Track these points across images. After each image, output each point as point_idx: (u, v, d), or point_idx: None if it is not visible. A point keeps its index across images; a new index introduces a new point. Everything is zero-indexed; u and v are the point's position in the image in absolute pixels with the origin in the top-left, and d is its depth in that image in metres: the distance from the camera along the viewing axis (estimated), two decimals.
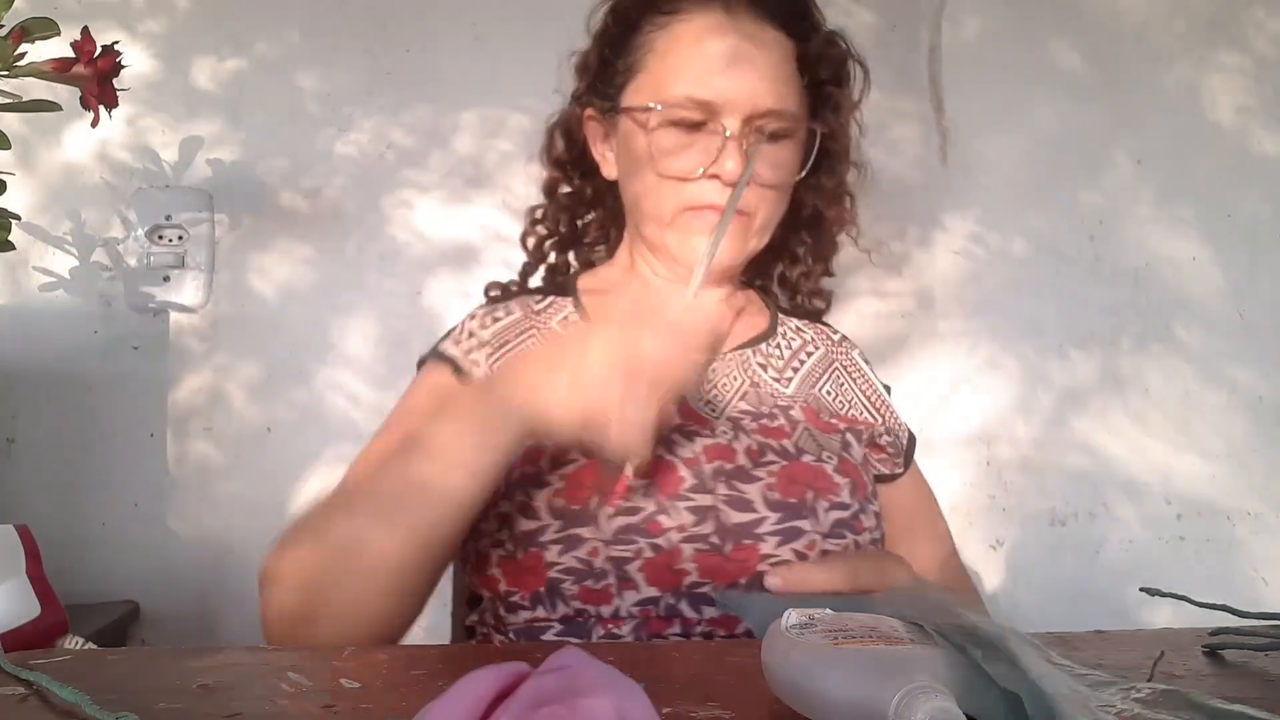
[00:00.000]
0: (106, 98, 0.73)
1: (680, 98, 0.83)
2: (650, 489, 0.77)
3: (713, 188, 0.84)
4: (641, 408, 0.64)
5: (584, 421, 0.64)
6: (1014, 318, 1.35)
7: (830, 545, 0.77)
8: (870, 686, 0.40)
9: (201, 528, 1.23)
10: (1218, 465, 1.35)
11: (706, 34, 0.84)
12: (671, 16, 0.86)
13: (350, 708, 0.46)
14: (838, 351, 0.96)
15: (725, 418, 0.84)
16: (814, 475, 0.80)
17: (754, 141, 0.84)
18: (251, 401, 1.25)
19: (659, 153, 0.84)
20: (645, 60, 0.87)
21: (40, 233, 1.23)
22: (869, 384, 0.95)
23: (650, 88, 0.86)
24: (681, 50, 0.85)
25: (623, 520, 0.77)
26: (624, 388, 0.63)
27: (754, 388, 0.88)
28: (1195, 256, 1.38)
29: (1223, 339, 1.37)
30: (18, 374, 1.21)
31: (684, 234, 0.86)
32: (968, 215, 1.36)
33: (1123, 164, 1.39)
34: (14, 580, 0.68)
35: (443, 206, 1.28)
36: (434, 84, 1.29)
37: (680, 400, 0.81)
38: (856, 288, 1.34)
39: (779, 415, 0.85)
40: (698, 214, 0.84)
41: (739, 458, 0.80)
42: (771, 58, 0.85)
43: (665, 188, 0.85)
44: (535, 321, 0.91)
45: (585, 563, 0.76)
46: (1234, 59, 1.41)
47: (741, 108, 0.83)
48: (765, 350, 0.92)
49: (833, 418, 0.88)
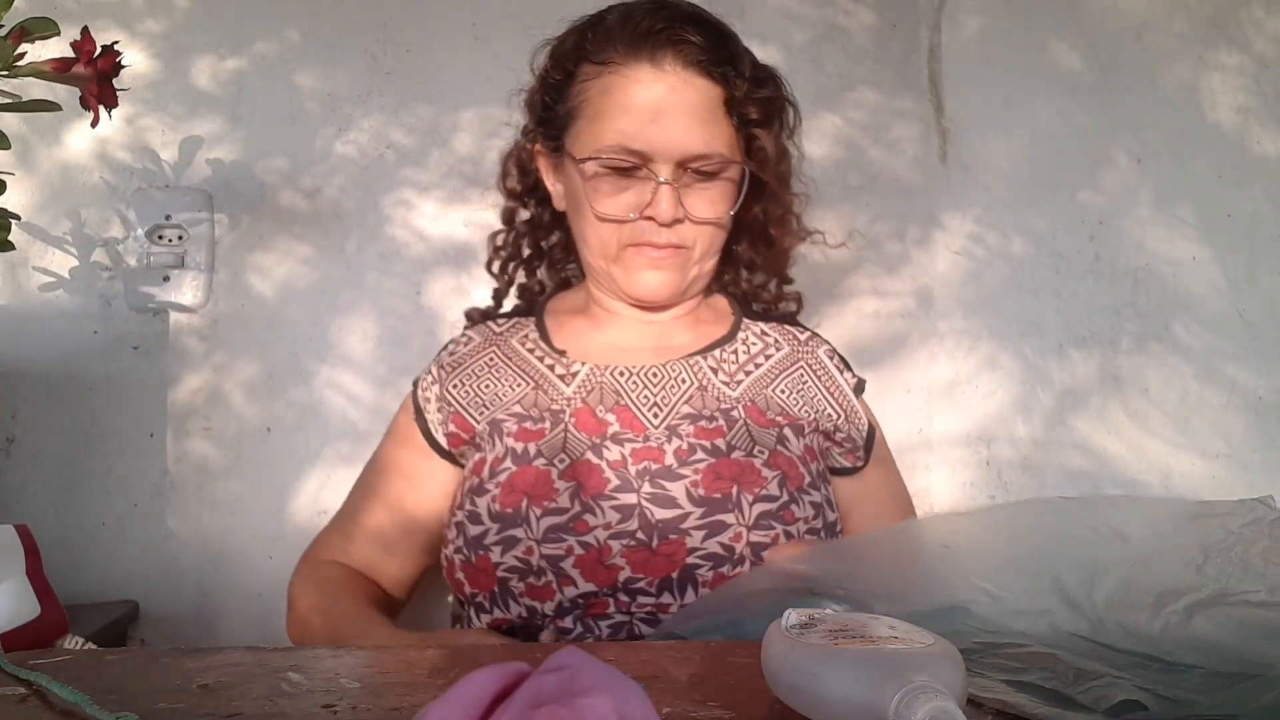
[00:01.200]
0: (106, 98, 0.73)
1: (614, 147, 0.89)
2: (576, 491, 0.81)
3: (649, 227, 0.91)
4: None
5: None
6: (1013, 317, 1.35)
7: (756, 537, 0.82)
8: (870, 686, 0.40)
9: (201, 528, 1.23)
10: (1217, 465, 1.35)
11: (635, 86, 0.89)
12: (603, 68, 0.91)
13: (350, 708, 0.46)
14: (803, 350, 1.01)
15: (665, 425, 0.89)
16: (740, 470, 0.85)
17: (687, 182, 0.90)
18: (251, 401, 1.25)
19: (596, 196, 0.91)
20: (581, 108, 0.93)
21: (40, 233, 1.23)
22: (832, 380, 0.99)
23: (588, 136, 0.92)
24: (612, 102, 0.90)
25: (551, 520, 0.82)
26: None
27: (701, 391, 0.93)
28: (1195, 256, 1.38)
29: (1222, 338, 1.37)
30: (17, 374, 1.21)
31: (627, 269, 0.94)
32: (967, 215, 1.36)
33: (1122, 164, 1.39)
34: (14, 580, 0.67)
35: (442, 206, 1.29)
36: (434, 84, 1.29)
37: (623, 408, 0.91)
38: (856, 287, 1.34)
39: (719, 417, 0.90)
40: (638, 250, 0.92)
41: (667, 458, 0.86)
42: (698, 105, 0.90)
43: (605, 227, 0.92)
44: (496, 341, 1.00)
45: (524, 561, 0.82)
46: (1234, 59, 1.41)
47: (672, 154, 0.89)
48: (719, 355, 0.97)
49: (778, 415, 0.92)
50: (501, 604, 0.85)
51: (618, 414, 0.90)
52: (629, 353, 0.97)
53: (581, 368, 0.95)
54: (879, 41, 1.36)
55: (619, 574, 0.81)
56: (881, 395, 1.30)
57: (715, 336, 1.00)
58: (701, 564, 0.81)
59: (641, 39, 0.89)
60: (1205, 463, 1.35)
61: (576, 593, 0.81)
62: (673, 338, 0.99)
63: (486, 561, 0.83)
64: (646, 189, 0.90)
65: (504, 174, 1.08)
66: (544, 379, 0.94)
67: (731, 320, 1.02)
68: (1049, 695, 0.45)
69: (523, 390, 0.94)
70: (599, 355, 0.96)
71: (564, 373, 0.95)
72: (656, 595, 0.81)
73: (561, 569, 0.81)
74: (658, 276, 0.93)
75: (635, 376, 0.93)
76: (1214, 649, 0.44)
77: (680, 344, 0.98)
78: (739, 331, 1.01)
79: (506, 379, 0.96)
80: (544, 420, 0.90)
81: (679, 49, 0.89)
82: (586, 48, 0.93)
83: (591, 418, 0.89)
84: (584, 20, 0.96)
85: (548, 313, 1.04)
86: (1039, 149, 1.37)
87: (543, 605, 0.82)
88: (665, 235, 0.91)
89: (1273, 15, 1.42)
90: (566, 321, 1.02)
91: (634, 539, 0.81)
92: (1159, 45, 1.40)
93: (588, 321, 1.02)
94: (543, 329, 1.01)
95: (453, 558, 0.88)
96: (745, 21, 1.33)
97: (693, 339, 0.99)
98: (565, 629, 0.82)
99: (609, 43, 0.91)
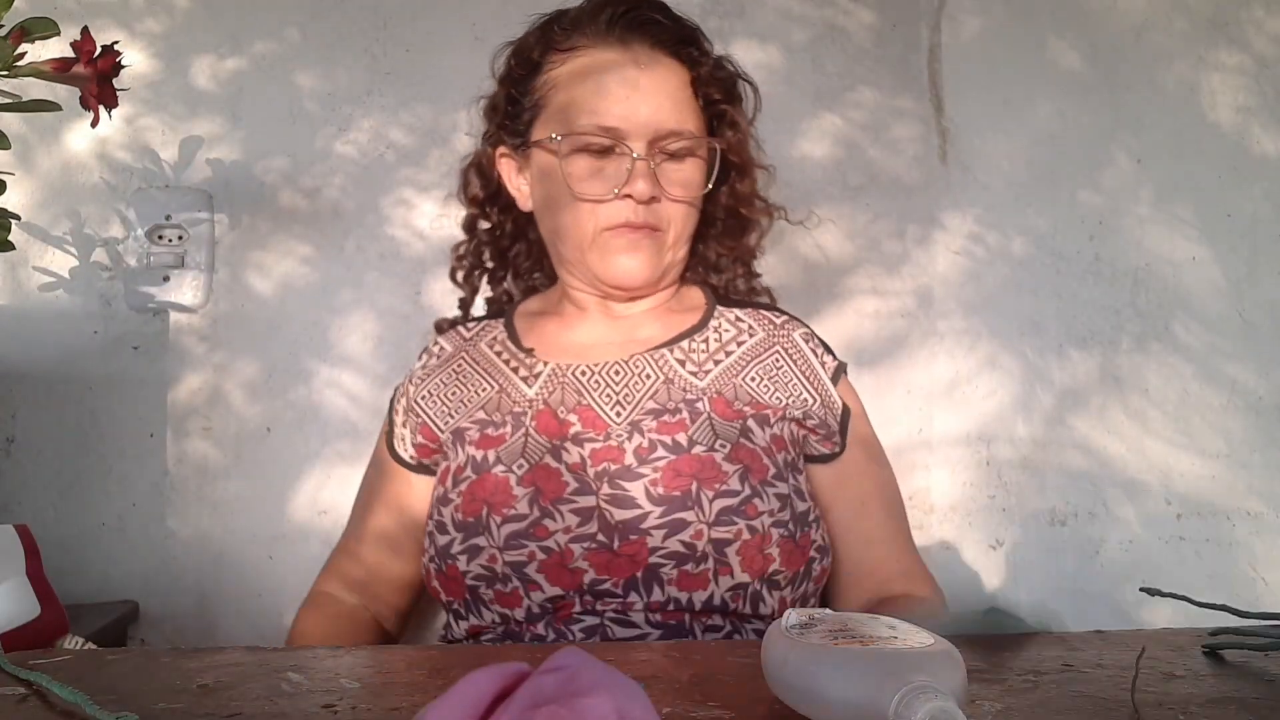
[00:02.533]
0: (106, 98, 0.73)
1: (589, 126, 0.91)
2: (535, 496, 0.81)
3: (625, 207, 0.91)
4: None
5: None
6: (1013, 317, 1.35)
7: (718, 533, 0.81)
8: (870, 686, 0.40)
9: (201, 528, 1.23)
10: (1217, 465, 1.35)
11: (605, 66, 0.92)
12: (570, 53, 0.94)
13: (350, 708, 0.46)
14: (779, 335, 1.00)
15: (627, 422, 0.89)
16: (700, 466, 0.84)
17: (659, 161, 0.92)
18: (251, 401, 1.25)
19: (572, 178, 0.91)
20: (550, 96, 0.95)
21: (40, 232, 1.23)
22: (807, 364, 0.98)
23: (559, 120, 0.93)
24: (585, 83, 0.92)
25: (511, 527, 0.82)
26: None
27: (666, 384, 0.93)
28: (1195, 256, 1.38)
29: (1222, 338, 1.37)
30: (17, 374, 1.21)
31: (603, 252, 0.94)
32: (967, 214, 1.36)
33: (1122, 163, 1.39)
34: (14, 580, 0.68)
35: (442, 206, 1.28)
36: (434, 84, 1.29)
37: (585, 407, 0.90)
38: (855, 286, 1.34)
39: (683, 409, 0.90)
40: (615, 233, 0.93)
41: (626, 458, 0.85)
42: (668, 83, 0.93)
43: (582, 211, 0.93)
44: (464, 348, 1.00)
45: (489, 569, 0.83)
46: (1234, 59, 1.41)
47: (645, 131, 0.91)
48: (687, 346, 0.96)
49: (747, 405, 0.92)
50: (475, 611, 0.85)
51: (579, 414, 0.90)
52: (593, 349, 0.97)
53: (544, 367, 0.95)
54: (879, 41, 1.36)
55: (583, 576, 0.81)
56: (881, 395, 1.30)
57: (685, 326, 0.99)
58: (664, 563, 0.81)
59: (609, 23, 0.92)
60: (1205, 463, 1.35)
61: (544, 597, 0.81)
62: (640, 331, 0.99)
63: (455, 570, 0.84)
64: (622, 168, 0.91)
65: (464, 184, 1.10)
66: (508, 381, 0.95)
67: (704, 309, 1.02)
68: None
69: (487, 394, 0.94)
70: (563, 353, 0.97)
71: (527, 374, 0.95)
72: (623, 595, 0.81)
73: (526, 574, 0.81)
74: (634, 260, 0.93)
75: (598, 374, 0.93)
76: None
77: (647, 337, 0.98)
78: (711, 320, 1.00)
79: (472, 384, 0.96)
80: (505, 425, 0.90)
81: (645, 29, 0.93)
82: (553, 38, 0.95)
83: (553, 419, 0.89)
84: (544, 17, 0.98)
85: (518, 314, 1.04)
86: (1039, 149, 1.37)
87: (513, 611, 0.83)
88: (642, 214, 0.92)
89: (1273, 15, 1.42)
90: (536, 322, 1.03)
91: (595, 541, 0.81)
92: (1159, 45, 1.40)
93: (558, 321, 1.02)
94: (511, 330, 1.02)
95: (428, 566, 0.89)
96: (745, 21, 1.33)
97: (660, 330, 0.98)
98: (540, 636, 0.82)
99: (575, 30, 0.94)
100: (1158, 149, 1.39)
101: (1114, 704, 0.47)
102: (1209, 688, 0.50)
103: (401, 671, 0.54)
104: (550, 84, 0.95)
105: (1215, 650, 0.57)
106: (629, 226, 0.92)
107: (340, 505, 1.23)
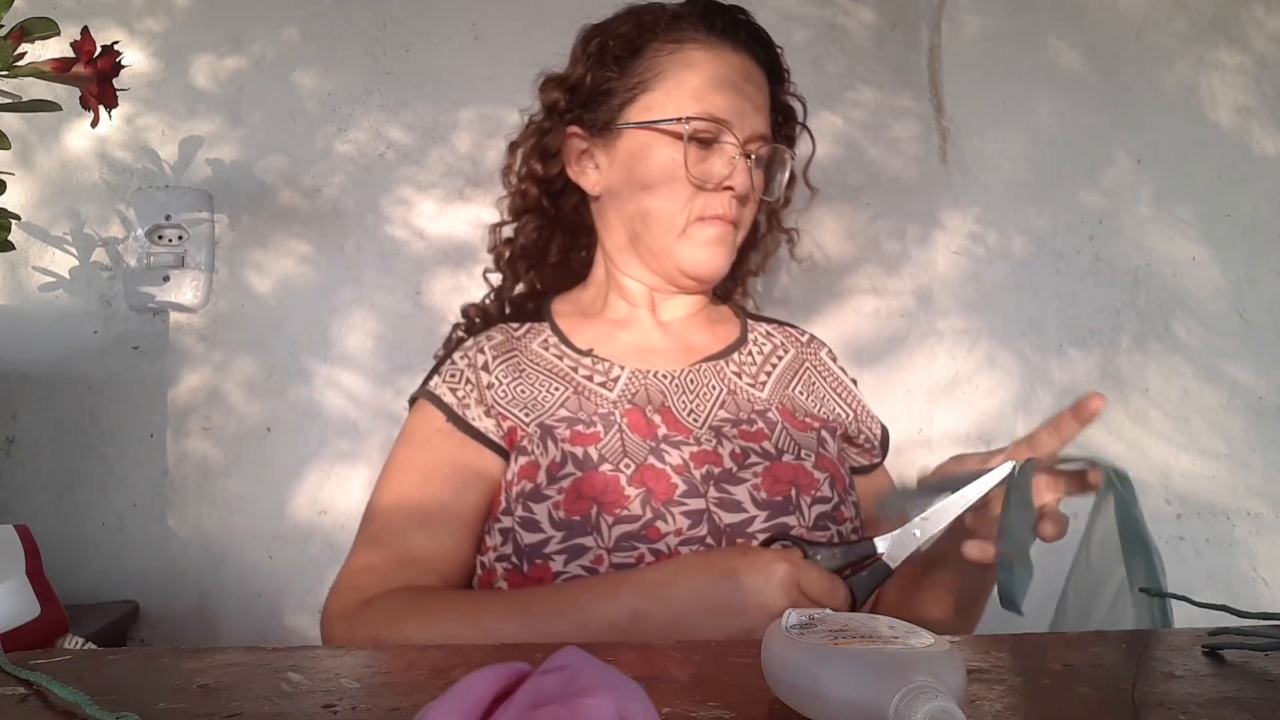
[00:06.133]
0: (106, 98, 0.73)
1: (703, 113, 0.91)
2: (647, 497, 0.79)
3: (724, 199, 0.92)
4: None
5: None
6: (1013, 317, 1.35)
7: (815, 537, 0.82)
8: (870, 686, 0.40)
9: (201, 528, 1.23)
10: (1218, 465, 1.35)
11: (718, 61, 0.93)
12: (679, 45, 0.94)
13: (350, 708, 0.46)
14: (806, 352, 1.02)
15: (708, 427, 0.89)
16: (795, 473, 0.85)
17: (752, 161, 0.94)
18: (251, 401, 1.25)
19: (689, 161, 0.91)
20: (654, 81, 0.94)
21: (40, 232, 1.23)
22: (838, 381, 1.01)
23: (665, 105, 0.93)
24: (699, 74, 0.93)
25: (622, 528, 0.80)
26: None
27: (731, 395, 0.93)
28: (1195, 256, 1.38)
29: (1222, 338, 1.37)
30: (17, 374, 1.21)
31: (691, 243, 0.93)
32: (967, 214, 1.36)
33: (1122, 164, 1.39)
34: (14, 580, 0.68)
35: (442, 205, 1.28)
36: (434, 84, 1.29)
37: (666, 410, 0.89)
38: (855, 286, 1.34)
39: (757, 420, 0.90)
40: (708, 223, 0.93)
41: (725, 462, 0.85)
42: (762, 92, 0.96)
43: (680, 198, 0.92)
44: (517, 345, 0.97)
45: (590, 571, 0.79)
46: (1234, 59, 1.41)
47: (745, 129, 0.93)
48: (738, 359, 0.98)
49: (807, 416, 0.94)
50: None
51: (663, 416, 0.88)
52: (655, 354, 0.95)
53: (621, 371, 0.92)
54: (879, 41, 1.36)
55: None
56: (881, 395, 1.30)
57: (730, 339, 0.99)
58: None
59: (719, 23, 0.94)
60: (1205, 462, 1.35)
61: None
62: (690, 338, 0.98)
63: (544, 571, 0.79)
64: (725, 161, 0.92)
65: (522, 160, 1.03)
66: (581, 384, 0.91)
67: (738, 323, 1.03)
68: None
69: (561, 394, 0.90)
70: (627, 357, 0.94)
71: (603, 378, 0.92)
72: None
73: None
74: (720, 252, 0.94)
75: (676, 379, 0.92)
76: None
77: (700, 344, 0.97)
78: (748, 334, 1.01)
79: (538, 383, 0.91)
80: (595, 424, 0.86)
81: (752, 44, 0.96)
82: (656, 28, 0.95)
83: (643, 420, 0.87)
84: (634, 7, 0.97)
85: (556, 315, 1.00)
86: (1039, 149, 1.37)
87: None
88: (734, 209, 0.93)
89: (1273, 15, 1.42)
90: (580, 323, 0.99)
91: (703, 544, 0.79)
92: (1159, 45, 1.40)
93: (607, 323, 0.98)
94: (559, 332, 0.97)
95: (493, 566, 0.83)
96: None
97: (709, 340, 0.98)
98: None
99: (682, 21, 0.94)
100: (1158, 149, 1.39)
101: (1114, 704, 0.47)
102: (1209, 688, 0.50)
103: (401, 671, 0.54)
104: (653, 69, 0.94)
105: (1215, 650, 0.57)
106: (721, 219, 0.93)
107: (340, 505, 1.23)
